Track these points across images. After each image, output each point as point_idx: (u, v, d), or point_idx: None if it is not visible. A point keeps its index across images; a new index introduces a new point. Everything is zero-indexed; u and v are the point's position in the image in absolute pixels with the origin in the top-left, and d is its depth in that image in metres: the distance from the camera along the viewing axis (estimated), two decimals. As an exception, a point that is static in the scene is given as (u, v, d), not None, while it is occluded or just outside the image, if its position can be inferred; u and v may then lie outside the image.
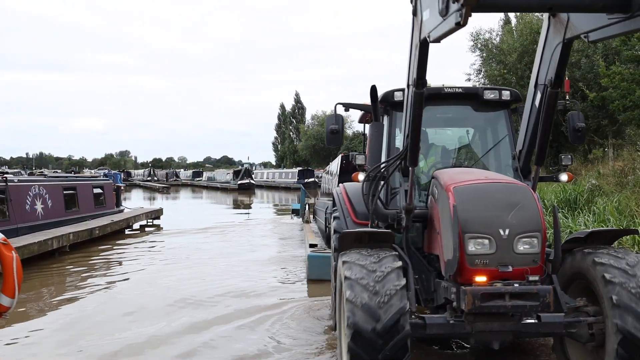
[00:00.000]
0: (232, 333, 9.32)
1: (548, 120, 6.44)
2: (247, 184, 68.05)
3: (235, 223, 29.99)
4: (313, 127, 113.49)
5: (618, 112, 21.62)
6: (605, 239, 6.38)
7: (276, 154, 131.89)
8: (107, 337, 9.21)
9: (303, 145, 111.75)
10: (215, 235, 23.91)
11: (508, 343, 6.03)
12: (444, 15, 4.58)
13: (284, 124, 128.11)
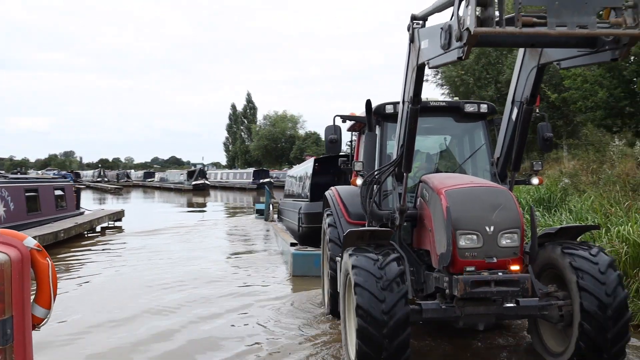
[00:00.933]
0: (228, 328, 9.80)
1: (524, 133, 7.55)
2: (201, 185, 67.24)
3: (197, 223, 29.88)
4: (265, 127, 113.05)
5: (580, 113, 22.17)
6: (571, 234, 7.41)
7: (227, 154, 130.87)
8: (81, 341, 9.06)
9: (255, 146, 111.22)
10: (181, 235, 23.81)
11: (491, 324, 7.27)
12: (446, 49, 5.41)
13: (235, 124, 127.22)
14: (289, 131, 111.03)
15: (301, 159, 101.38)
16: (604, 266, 6.66)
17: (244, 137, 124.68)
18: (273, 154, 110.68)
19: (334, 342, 8.56)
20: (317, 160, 20.31)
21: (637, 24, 4.77)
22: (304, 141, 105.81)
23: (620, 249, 9.64)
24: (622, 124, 21.18)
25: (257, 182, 68.88)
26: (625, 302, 6.60)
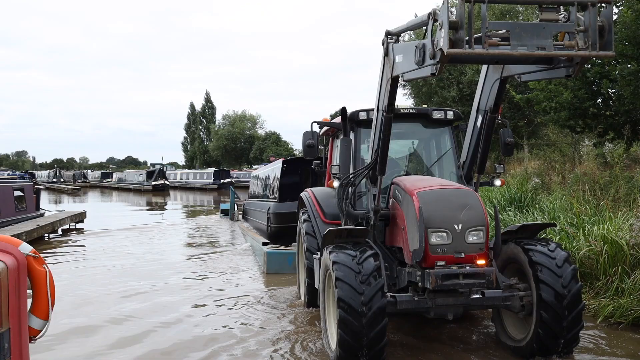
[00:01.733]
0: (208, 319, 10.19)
1: (488, 139, 8.25)
2: (161, 185, 66.22)
3: (161, 224, 29.51)
4: (224, 127, 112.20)
5: (544, 113, 22.49)
6: (531, 231, 8.08)
7: (186, 154, 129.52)
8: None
9: (214, 146, 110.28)
10: (144, 235, 23.56)
11: (459, 314, 7.87)
12: (420, 65, 5.98)
13: (194, 123, 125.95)
14: (248, 131, 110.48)
15: (261, 159, 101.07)
16: (561, 261, 7.34)
17: (203, 137, 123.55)
18: (232, 154, 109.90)
19: (313, 332, 8.94)
20: (285, 162, 20.70)
21: (588, 47, 5.44)
22: (264, 141, 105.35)
23: (597, 248, 9.75)
24: (585, 124, 21.61)
25: (217, 183, 68.26)
26: (579, 293, 7.25)
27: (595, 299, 9.51)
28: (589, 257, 9.85)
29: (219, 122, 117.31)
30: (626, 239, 9.55)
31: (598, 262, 9.71)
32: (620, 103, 19.07)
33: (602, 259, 9.53)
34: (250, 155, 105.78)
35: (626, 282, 9.12)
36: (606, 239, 9.64)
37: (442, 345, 8.29)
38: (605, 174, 15.85)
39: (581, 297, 7.32)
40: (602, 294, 9.53)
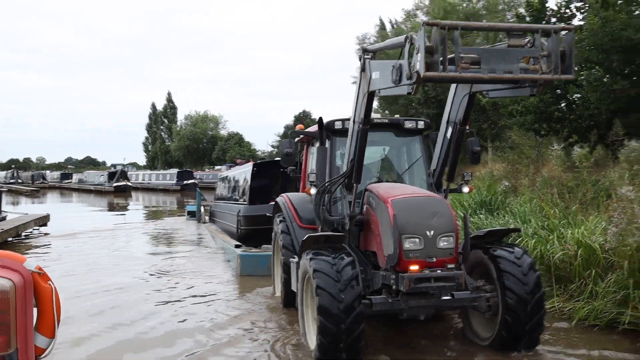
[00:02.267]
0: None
1: (457, 149, 8.85)
2: (123, 187, 65.13)
3: (126, 225, 29.22)
4: (186, 127, 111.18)
5: (510, 117, 22.90)
6: (498, 236, 8.60)
7: (147, 154, 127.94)
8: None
9: (176, 146, 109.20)
10: (111, 238, 23.31)
11: (430, 315, 8.26)
12: (396, 84, 6.43)
13: (155, 123, 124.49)
14: (211, 131, 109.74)
15: (224, 159, 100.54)
16: (526, 268, 7.91)
17: (165, 137, 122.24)
18: (194, 154, 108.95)
19: (290, 331, 9.34)
20: (255, 165, 21.05)
21: (551, 70, 5.94)
22: (227, 142, 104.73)
23: (571, 252, 9.97)
24: (549, 128, 22.08)
25: (181, 184, 67.58)
26: (542, 300, 7.88)
27: (569, 302, 9.72)
28: (562, 260, 10.06)
29: (180, 122, 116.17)
30: (599, 242, 9.78)
31: (572, 265, 9.93)
32: (584, 107, 19.56)
33: (577, 263, 9.73)
34: (212, 156, 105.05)
35: (600, 285, 9.34)
36: (580, 243, 9.86)
37: (416, 342, 8.74)
38: (571, 177, 16.19)
39: (543, 303, 7.93)
40: (576, 296, 9.74)
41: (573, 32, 6.16)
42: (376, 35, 49.44)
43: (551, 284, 10.21)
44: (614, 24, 15.20)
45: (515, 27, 6.21)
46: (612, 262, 9.42)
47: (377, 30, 55.98)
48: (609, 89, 15.79)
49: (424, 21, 5.88)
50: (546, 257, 10.29)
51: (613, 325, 8.87)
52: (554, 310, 9.78)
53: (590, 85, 16.19)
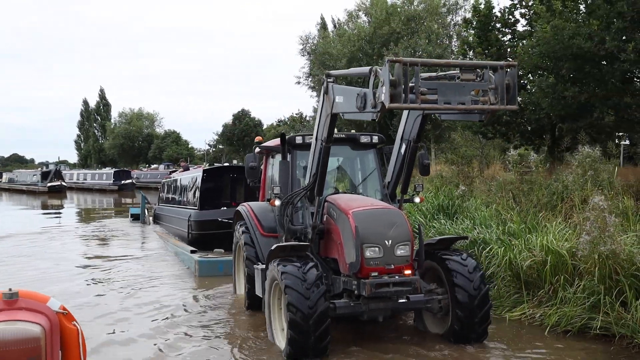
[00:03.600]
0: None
1: (410, 163, 9.69)
2: (58, 187, 62.96)
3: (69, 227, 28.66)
4: (121, 125, 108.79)
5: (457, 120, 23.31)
6: (447, 243, 9.50)
7: (79, 152, 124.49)
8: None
9: (110, 144, 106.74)
10: (57, 240, 22.89)
11: (388, 316, 9.04)
12: (361, 110, 7.23)
13: (88, 121, 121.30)
14: (146, 129, 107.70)
15: (161, 158, 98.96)
16: (472, 268, 8.83)
17: (98, 135, 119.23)
18: (129, 152, 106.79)
19: (254, 330, 9.97)
20: (205, 171, 21.61)
21: (497, 101, 6.88)
22: (163, 140, 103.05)
23: (539, 258, 10.20)
24: (495, 131, 22.64)
25: (118, 184, 66.03)
26: (487, 294, 8.80)
27: (539, 308, 9.96)
28: (530, 267, 10.29)
29: (114, 120, 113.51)
30: (566, 248, 10.04)
31: (539, 271, 10.17)
32: (532, 112, 20.11)
33: (546, 269, 9.97)
34: (148, 155, 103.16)
35: (569, 291, 9.60)
36: (548, 250, 10.09)
37: (376, 341, 9.31)
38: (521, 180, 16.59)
39: (489, 297, 8.89)
40: (545, 302, 9.99)
41: (516, 68, 7.04)
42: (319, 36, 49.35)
43: (520, 290, 10.45)
44: (564, 32, 15.65)
45: (468, 64, 7.31)
46: (580, 269, 9.68)
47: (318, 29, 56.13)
48: (560, 95, 16.26)
49: (388, 58, 6.61)
50: (514, 263, 10.49)
51: (585, 331, 9.14)
52: (525, 316, 10.01)
53: (542, 91, 16.64)
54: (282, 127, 68.47)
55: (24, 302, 3.64)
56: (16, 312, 3.53)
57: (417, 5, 42.70)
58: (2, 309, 3.47)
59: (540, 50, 16.15)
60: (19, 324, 3.46)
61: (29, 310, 3.63)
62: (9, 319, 3.44)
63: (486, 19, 22.70)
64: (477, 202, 15.87)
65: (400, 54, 38.15)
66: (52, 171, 66.12)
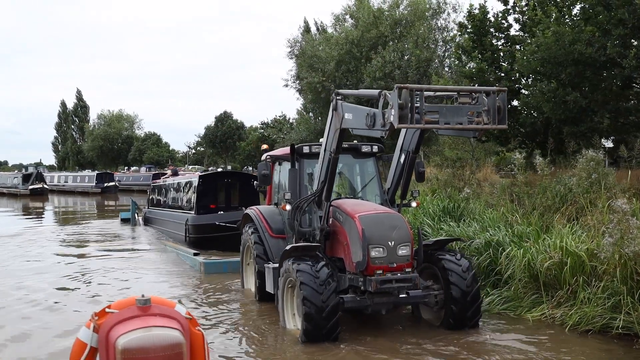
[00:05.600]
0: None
1: (409, 172, 10.73)
2: (40, 189, 62.21)
3: (65, 229, 28.53)
4: (99, 127, 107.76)
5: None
6: (443, 244, 10.59)
7: (57, 154, 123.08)
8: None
9: (89, 146, 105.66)
10: (62, 242, 22.84)
11: (390, 310, 10.08)
12: (370, 128, 8.24)
13: (66, 122, 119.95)
14: (126, 131, 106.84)
15: (141, 160, 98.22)
16: (465, 267, 9.88)
17: (76, 137, 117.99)
18: (109, 155, 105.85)
19: (268, 318, 11.01)
20: (201, 177, 22.48)
21: (490, 122, 7.93)
22: (143, 142, 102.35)
23: (556, 259, 10.41)
24: (489, 134, 22.92)
25: (101, 186, 65.45)
26: (478, 291, 9.85)
27: (559, 308, 10.18)
28: (547, 268, 10.51)
29: (93, 122, 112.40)
30: (584, 249, 10.28)
31: (557, 272, 10.38)
32: (526, 116, 20.45)
33: (565, 270, 10.19)
34: (128, 157, 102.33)
35: (588, 292, 9.83)
36: (567, 251, 10.32)
37: (383, 329, 10.27)
38: (522, 182, 16.86)
39: (480, 294, 9.97)
40: (563, 303, 10.22)
41: (505, 92, 8.12)
42: (304, 40, 49.38)
43: (538, 291, 10.67)
44: (565, 38, 15.96)
45: (465, 89, 8.41)
46: (598, 270, 9.92)
47: (301, 33, 56.20)
48: (561, 99, 16.57)
49: (397, 85, 7.63)
50: (532, 265, 10.70)
51: (606, 331, 9.38)
52: (545, 316, 10.24)
53: (543, 95, 16.94)
54: (267, 129, 68.52)
55: (157, 308, 3.68)
56: (151, 318, 3.56)
57: (403, 10, 42.99)
58: (138, 315, 3.50)
59: (542, 55, 16.44)
60: (160, 329, 3.47)
61: (163, 316, 3.66)
62: (147, 325, 3.46)
63: (481, 23, 23.01)
64: (482, 204, 16.12)
65: (387, 58, 38.44)
66: (33, 174, 65.17)
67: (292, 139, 44.93)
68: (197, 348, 3.86)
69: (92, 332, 3.50)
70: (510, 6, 22.89)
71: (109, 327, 3.44)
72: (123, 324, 3.40)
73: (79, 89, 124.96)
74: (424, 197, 17.78)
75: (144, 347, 3.26)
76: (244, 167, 79.95)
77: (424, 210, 15.92)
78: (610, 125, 18.24)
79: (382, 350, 9.15)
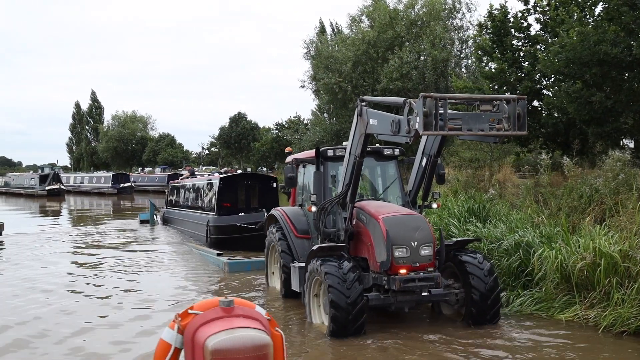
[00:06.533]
0: None
1: (431, 174, 11.06)
2: (57, 190, 62.72)
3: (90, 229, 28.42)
4: (114, 128, 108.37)
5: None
6: (463, 244, 10.93)
7: (71, 155, 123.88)
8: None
9: (104, 147, 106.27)
10: (91, 242, 22.80)
11: (413, 307, 10.56)
12: (395, 134, 8.59)
13: (80, 124, 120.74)
14: (140, 132, 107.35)
15: (155, 161, 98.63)
16: (485, 266, 10.20)
17: (90, 137, 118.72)
18: (123, 156, 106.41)
19: (294, 312, 11.48)
20: (222, 179, 22.91)
21: (510, 128, 8.20)
22: (157, 143, 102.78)
23: (589, 260, 10.39)
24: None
25: (117, 187, 65.86)
26: (498, 294, 10.21)
27: (592, 310, 10.17)
28: (579, 269, 10.50)
29: (108, 123, 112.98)
30: (616, 250, 10.26)
31: (589, 273, 10.37)
32: (548, 116, 20.38)
33: (598, 271, 10.18)
34: (142, 158, 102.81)
35: (621, 293, 9.82)
36: (600, 252, 10.30)
37: (406, 325, 10.57)
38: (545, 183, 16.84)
39: (500, 296, 10.31)
40: (596, 304, 10.21)
41: (525, 100, 8.34)
42: (318, 40, 49.48)
43: (570, 292, 10.67)
44: (591, 38, 15.91)
45: (487, 97, 8.57)
46: (632, 271, 9.91)
47: (316, 33, 56.32)
48: (587, 100, 16.52)
49: (421, 94, 7.95)
50: (565, 265, 10.69)
51: (640, 332, 9.38)
52: (578, 317, 10.24)
53: (568, 96, 16.89)
54: (282, 130, 68.70)
55: (240, 310, 3.71)
56: (235, 319, 3.58)
57: (418, 10, 42.97)
58: (222, 316, 3.53)
59: (567, 55, 16.38)
60: (246, 330, 3.49)
61: (246, 317, 3.69)
62: (233, 326, 3.48)
63: (501, 24, 22.93)
64: (507, 205, 16.12)
65: (404, 58, 38.44)
66: (50, 175, 65.66)
67: (309, 139, 45.03)
68: (277, 349, 3.89)
69: (176, 333, 3.57)
70: (530, 6, 22.80)
71: (194, 328, 3.49)
72: (209, 325, 3.43)
73: (93, 90, 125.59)
74: (445, 198, 17.88)
75: (234, 348, 3.28)
76: (258, 168, 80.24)
77: (449, 211, 15.95)
78: (634, 125, 18.16)
79: (407, 344, 9.47)
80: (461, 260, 10.30)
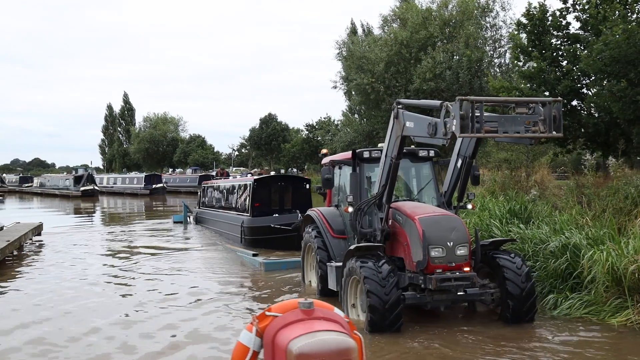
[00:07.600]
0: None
1: (466, 176, 11.22)
2: (91, 191, 63.60)
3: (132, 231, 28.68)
4: (145, 129, 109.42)
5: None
6: (498, 244, 11.09)
7: (104, 157, 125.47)
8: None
9: (135, 149, 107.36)
10: (121, 246, 22.73)
11: (448, 306, 10.83)
12: (432, 137, 8.83)
13: (112, 125, 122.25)
14: (170, 134, 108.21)
15: (186, 162, 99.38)
16: (520, 265, 10.29)
17: (122, 139, 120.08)
18: (154, 157, 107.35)
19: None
20: (256, 180, 23.16)
21: (546, 130, 8.32)
22: (188, 144, 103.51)
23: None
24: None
25: (149, 188, 66.52)
26: (533, 287, 10.25)
27: (648, 314, 9.90)
28: (631, 272, 10.22)
29: (139, 125, 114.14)
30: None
31: (641, 276, 10.09)
32: (588, 116, 20.00)
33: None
34: (173, 159, 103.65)
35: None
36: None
37: (442, 322, 10.79)
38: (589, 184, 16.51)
39: (534, 290, 10.33)
40: (650, 308, 9.94)
41: (560, 102, 8.48)
42: (349, 41, 49.38)
43: (622, 295, 10.40)
44: (637, 36, 15.58)
45: (522, 100, 8.78)
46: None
47: (347, 34, 56.26)
48: (632, 99, 16.17)
49: (458, 97, 8.10)
50: (616, 269, 10.42)
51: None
52: (631, 322, 9.97)
53: (612, 95, 16.55)
54: (313, 131, 68.72)
55: (320, 312, 3.62)
56: (316, 321, 3.48)
57: (451, 9, 42.61)
58: (302, 318, 3.45)
59: (611, 53, 16.05)
60: (329, 334, 3.39)
61: (327, 320, 3.58)
62: (315, 329, 3.37)
63: (540, 22, 22.59)
64: (549, 206, 15.83)
65: (437, 58, 38.16)
66: (84, 175, 66.61)
67: (341, 140, 44.94)
68: (358, 353, 3.76)
69: (254, 336, 3.49)
70: (569, 4, 22.42)
71: (274, 330, 3.39)
72: (290, 328, 3.34)
73: (125, 92, 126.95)
74: (484, 199, 17.68)
75: (319, 352, 3.18)
76: (288, 169, 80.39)
77: (490, 212, 15.72)
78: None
79: (443, 342, 9.59)
80: (499, 265, 10.38)
